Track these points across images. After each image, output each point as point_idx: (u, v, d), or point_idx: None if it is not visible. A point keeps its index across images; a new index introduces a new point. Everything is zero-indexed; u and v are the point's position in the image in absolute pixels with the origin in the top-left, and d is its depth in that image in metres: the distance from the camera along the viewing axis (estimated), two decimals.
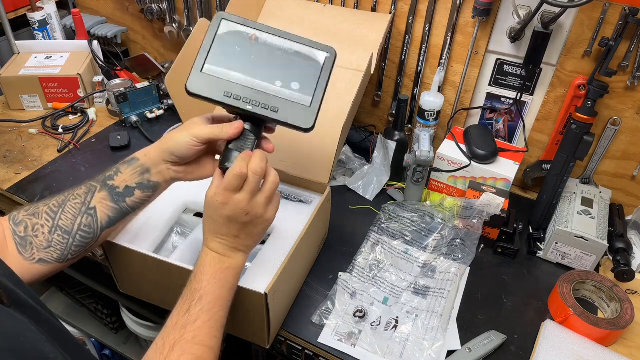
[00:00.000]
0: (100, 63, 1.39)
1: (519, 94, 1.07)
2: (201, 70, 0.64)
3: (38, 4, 1.41)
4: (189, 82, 0.64)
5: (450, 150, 1.06)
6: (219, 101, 0.65)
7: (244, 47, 0.65)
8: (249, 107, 0.65)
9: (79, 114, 1.32)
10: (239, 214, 0.62)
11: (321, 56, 0.68)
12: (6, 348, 0.41)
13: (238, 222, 0.63)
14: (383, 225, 1.00)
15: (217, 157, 0.73)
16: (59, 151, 1.18)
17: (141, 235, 0.82)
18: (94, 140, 1.23)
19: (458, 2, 1.02)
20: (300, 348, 0.81)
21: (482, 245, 0.98)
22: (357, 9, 1.15)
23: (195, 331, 0.58)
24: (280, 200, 0.91)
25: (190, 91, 0.64)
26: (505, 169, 1.03)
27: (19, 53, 1.37)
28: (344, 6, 1.16)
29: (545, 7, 0.92)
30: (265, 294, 0.67)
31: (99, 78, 1.35)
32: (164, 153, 0.69)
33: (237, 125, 0.66)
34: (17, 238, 0.64)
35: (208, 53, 0.64)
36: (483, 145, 1.04)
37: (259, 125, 0.68)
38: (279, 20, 1.14)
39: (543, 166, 1.11)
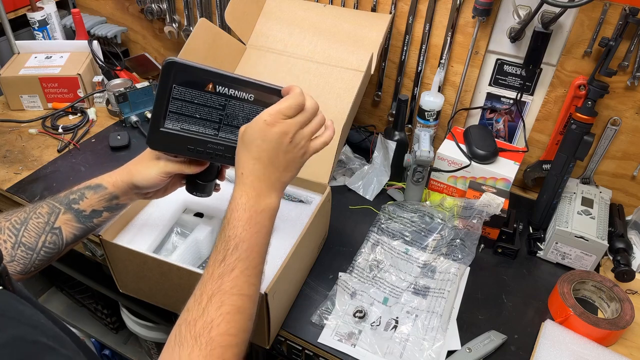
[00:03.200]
0: (100, 63, 1.39)
1: (519, 94, 1.07)
2: (160, 128, 0.64)
3: (38, 4, 1.41)
4: (149, 140, 0.65)
5: (450, 150, 1.06)
6: (182, 155, 0.67)
7: (200, 99, 0.64)
8: (212, 159, 0.68)
9: (79, 114, 1.32)
10: (285, 137, 0.60)
11: (276, 96, 0.65)
12: (26, 323, 0.42)
13: (281, 149, 0.61)
14: (383, 226, 1.00)
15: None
16: (58, 151, 1.18)
17: (141, 235, 0.82)
18: (94, 140, 1.23)
19: (458, 2, 1.02)
20: (300, 348, 0.81)
21: (482, 245, 0.98)
22: (357, 9, 1.15)
23: (232, 281, 0.56)
24: (280, 200, 0.91)
25: (152, 148, 0.66)
26: (505, 169, 1.03)
27: (19, 53, 1.37)
28: (344, 6, 1.16)
29: (545, 7, 0.92)
30: (265, 294, 0.67)
31: (99, 78, 1.35)
32: (132, 186, 0.71)
33: (202, 165, 0.70)
34: None
35: (166, 109, 0.63)
36: (483, 145, 1.04)
37: (218, 166, 0.73)
38: (279, 20, 1.14)
39: (543, 166, 1.11)
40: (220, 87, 0.63)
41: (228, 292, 0.56)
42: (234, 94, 0.64)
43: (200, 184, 0.73)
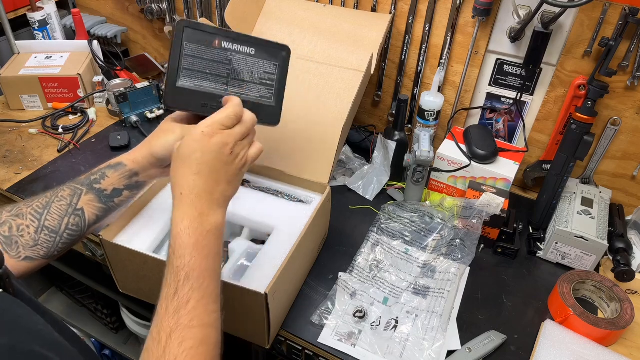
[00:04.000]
0: (100, 63, 1.39)
1: (519, 94, 1.07)
2: (175, 85, 0.67)
3: (38, 4, 1.41)
4: (166, 98, 0.68)
5: (450, 150, 1.06)
6: (196, 112, 0.69)
7: (209, 55, 0.68)
8: None
9: (79, 114, 1.32)
10: (225, 148, 0.59)
11: (279, 55, 0.73)
12: (23, 329, 0.42)
13: (222, 160, 0.59)
14: (383, 226, 1.00)
15: None
16: (59, 151, 1.18)
17: (141, 235, 0.82)
18: (94, 140, 1.23)
19: (458, 2, 1.02)
20: (300, 348, 0.81)
21: (482, 245, 0.98)
22: (357, 9, 1.15)
23: (190, 313, 0.53)
24: (281, 200, 0.91)
25: (169, 105, 0.68)
26: (505, 169, 1.03)
27: (19, 53, 1.37)
28: (344, 6, 1.16)
29: (545, 7, 0.92)
30: (265, 294, 0.67)
31: (99, 78, 1.35)
32: (152, 158, 0.71)
33: None
34: (2, 237, 0.64)
35: (178, 66, 0.67)
36: (483, 145, 1.04)
37: None
38: (279, 20, 1.14)
39: (543, 166, 1.11)
40: (225, 43, 0.68)
41: (187, 326, 0.52)
42: (238, 48, 0.69)
43: None
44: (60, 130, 1.24)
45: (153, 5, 1.38)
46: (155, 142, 0.70)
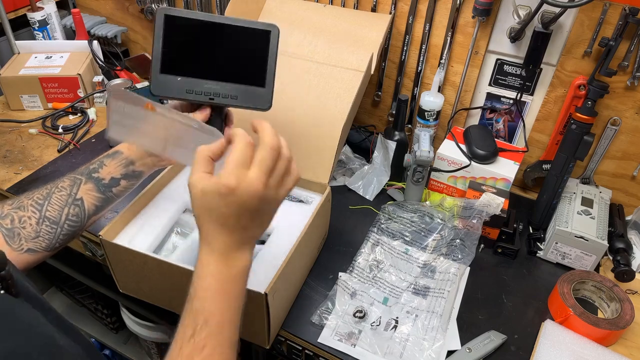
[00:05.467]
0: (100, 63, 1.39)
1: (519, 94, 1.07)
2: (160, 72, 0.67)
3: (38, 4, 1.41)
4: (152, 86, 0.68)
5: (450, 150, 1.06)
6: (183, 98, 0.69)
7: (193, 40, 0.68)
8: (211, 100, 0.69)
9: (79, 114, 1.32)
10: (252, 198, 0.52)
11: (266, 35, 0.69)
12: (22, 338, 0.41)
13: (249, 210, 0.52)
14: (383, 226, 1.00)
15: None
16: (59, 151, 1.18)
17: (141, 235, 0.82)
18: (94, 140, 1.23)
19: (458, 2, 1.02)
20: (300, 348, 0.81)
21: (482, 245, 0.98)
22: (357, 9, 1.15)
23: (205, 359, 0.50)
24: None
25: (154, 94, 0.68)
26: (505, 169, 1.03)
27: (19, 53, 1.37)
28: (343, 6, 1.16)
29: (545, 7, 0.92)
30: (265, 294, 0.67)
31: (99, 78, 1.35)
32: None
33: (204, 112, 0.70)
34: (4, 230, 0.64)
35: (161, 54, 0.67)
36: (483, 145, 1.04)
37: (221, 111, 0.73)
38: (279, 20, 1.14)
39: (543, 166, 1.11)
40: (209, 27, 0.67)
41: None
42: (222, 31, 0.68)
43: None
44: (60, 130, 1.24)
45: (153, 5, 1.38)
46: None
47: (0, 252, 0.47)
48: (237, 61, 0.69)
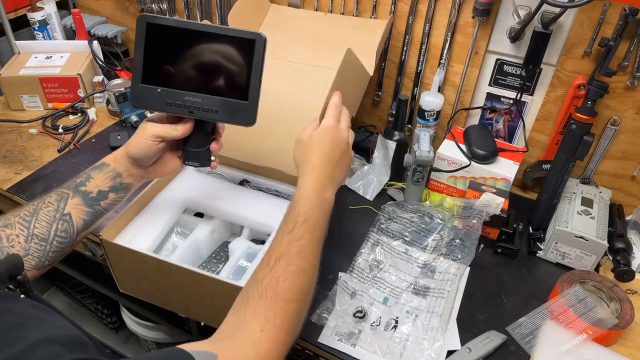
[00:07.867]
0: (100, 63, 1.39)
1: (519, 94, 1.07)
2: (140, 84, 0.66)
3: (38, 4, 1.41)
4: (132, 98, 0.67)
5: (450, 150, 1.06)
6: (163, 110, 0.67)
7: (175, 49, 0.65)
8: (190, 114, 0.68)
9: (79, 114, 1.32)
10: (341, 141, 0.73)
11: (250, 45, 0.65)
12: (53, 329, 0.43)
13: (341, 150, 0.73)
14: (383, 226, 1.00)
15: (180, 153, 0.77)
16: (59, 151, 1.18)
17: (141, 235, 0.82)
18: (94, 140, 1.23)
19: (458, 2, 1.02)
20: (300, 348, 0.81)
21: (481, 245, 0.98)
22: (357, 10, 1.15)
23: (300, 247, 0.62)
24: (281, 200, 0.91)
25: (134, 105, 0.68)
26: (505, 169, 1.03)
27: (19, 53, 1.37)
28: (342, 14, 1.16)
29: (545, 7, 0.92)
30: None
31: (99, 78, 1.35)
32: (129, 158, 0.72)
33: (186, 125, 0.70)
34: None
35: (142, 64, 0.65)
36: (483, 145, 1.04)
37: (205, 122, 0.72)
38: (281, 30, 1.15)
39: (543, 166, 1.11)
40: (190, 36, 0.65)
41: (295, 255, 0.61)
42: (204, 41, 0.65)
43: (192, 152, 0.73)
44: (61, 130, 1.24)
45: (153, 6, 1.38)
46: (129, 143, 0.72)
47: (17, 256, 0.47)
48: (219, 72, 0.66)
